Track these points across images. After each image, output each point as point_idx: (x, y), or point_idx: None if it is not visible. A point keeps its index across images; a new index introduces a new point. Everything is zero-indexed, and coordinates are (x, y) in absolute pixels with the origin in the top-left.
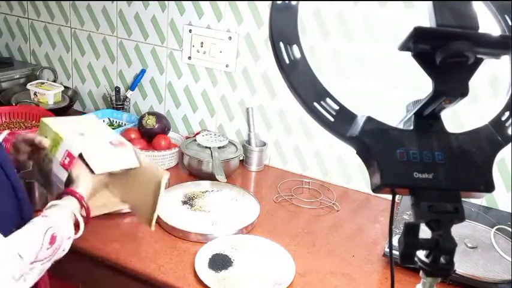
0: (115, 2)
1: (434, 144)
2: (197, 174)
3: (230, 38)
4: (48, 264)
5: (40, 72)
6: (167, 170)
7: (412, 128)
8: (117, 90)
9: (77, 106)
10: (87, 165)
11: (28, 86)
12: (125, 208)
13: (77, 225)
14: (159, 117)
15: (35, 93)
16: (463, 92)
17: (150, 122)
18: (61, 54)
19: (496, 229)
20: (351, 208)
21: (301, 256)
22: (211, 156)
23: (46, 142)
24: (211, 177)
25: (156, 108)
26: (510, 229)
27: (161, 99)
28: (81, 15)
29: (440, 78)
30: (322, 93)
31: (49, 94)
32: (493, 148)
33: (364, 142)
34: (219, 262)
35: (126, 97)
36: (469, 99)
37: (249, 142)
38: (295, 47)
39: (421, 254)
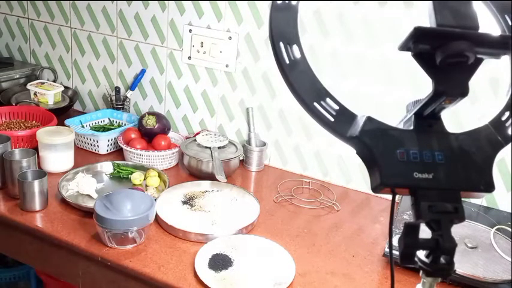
0: (115, 2)
1: (434, 144)
2: (197, 174)
3: (230, 38)
4: None
5: (40, 72)
6: (167, 170)
7: (412, 128)
8: (117, 90)
9: (77, 106)
10: None
11: (28, 86)
12: None
13: None
14: (159, 117)
15: (35, 93)
16: (463, 92)
17: (150, 122)
18: (61, 54)
19: (496, 229)
20: (351, 208)
21: (301, 256)
22: (211, 156)
23: None
24: (211, 177)
25: (156, 108)
26: (510, 229)
27: (161, 99)
28: (81, 15)
29: (440, 78)
30: (322, 93)
31: (49, 94)
32: (493, 148)
33: (364, 142)
34: (219, 262)
35: (126, 97)
36: (469, 99)
37: (249, 142)
38: (295, 47)
39: (421, 254)
